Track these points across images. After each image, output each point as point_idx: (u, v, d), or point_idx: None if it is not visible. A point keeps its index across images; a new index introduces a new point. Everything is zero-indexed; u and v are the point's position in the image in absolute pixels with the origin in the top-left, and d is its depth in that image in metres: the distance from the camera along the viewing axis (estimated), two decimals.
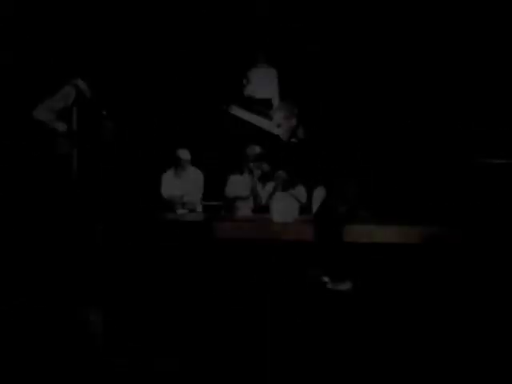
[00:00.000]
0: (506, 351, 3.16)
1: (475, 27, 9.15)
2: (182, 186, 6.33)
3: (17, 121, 5.66)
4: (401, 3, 9.58)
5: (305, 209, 6.33)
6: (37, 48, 8.27)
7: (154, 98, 9.64)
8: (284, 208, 6.29)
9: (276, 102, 7.75)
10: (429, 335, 3.35)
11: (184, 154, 6.35)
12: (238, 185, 6.27)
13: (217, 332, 3.28)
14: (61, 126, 3.80)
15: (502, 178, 7.84)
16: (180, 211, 6.33)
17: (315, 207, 6.14)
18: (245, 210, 6.28)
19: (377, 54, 9.87)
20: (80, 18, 8.74)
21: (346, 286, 4.33)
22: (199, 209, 6.50)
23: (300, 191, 6.27)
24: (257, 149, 6.87)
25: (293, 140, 4.51)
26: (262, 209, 6.44)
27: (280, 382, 2.73)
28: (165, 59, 9.88)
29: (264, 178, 6.33)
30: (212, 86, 8.79)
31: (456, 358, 3.07)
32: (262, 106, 7.69)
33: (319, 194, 5.75)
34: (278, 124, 4.54)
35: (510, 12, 9.17)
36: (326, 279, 4.35)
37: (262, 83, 7.94)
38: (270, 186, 6.28)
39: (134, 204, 6.90)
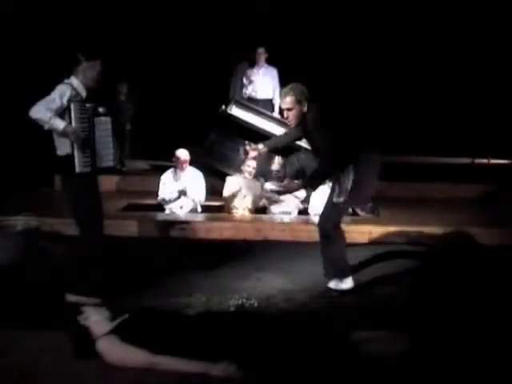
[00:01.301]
0: None
1: None
2: (181, 186, 6.28)
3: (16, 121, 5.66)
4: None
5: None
6: (33, 48, 8.29)
7: (155, 98, 9.66)
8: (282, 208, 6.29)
9: (277, 101, 7.74)
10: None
11: (183, 154, 6.28)
12: (236, 185, 6.24)
13: None
14: (60, 124, 3.77)
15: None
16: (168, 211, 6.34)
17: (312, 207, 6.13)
18: (243, 210, 6.26)
19: (375, 55, 9.88)
20: (76, 21, 8.76)
21: (347, 285, 4.29)
22: (199, 209, 6.47)
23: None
24: None
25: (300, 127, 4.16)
26: (261, 209, 6.43)
27: None
28: (165, 59, 9.89)
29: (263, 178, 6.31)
30: (212, 85, 8.79)
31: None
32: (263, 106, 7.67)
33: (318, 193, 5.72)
34: (288, 108, 4.09)
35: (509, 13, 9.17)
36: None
37: (263, 83, 7.92)
38: (269, 185, 6.26)
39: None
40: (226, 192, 6.24)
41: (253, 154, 4.56)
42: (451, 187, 7.47)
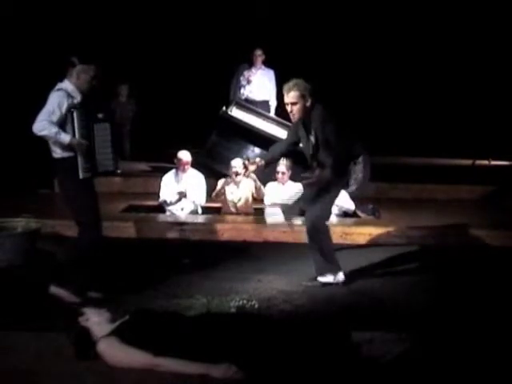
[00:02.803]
0: None
1: None
2: (182, 188, 6.26)
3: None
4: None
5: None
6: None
7: (155, 99, 9.67)
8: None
9: (273, 103, 7.75)
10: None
11: (185, 156, 6.27)
12: (220, 185, 6.24)
13: None
14: (65, 139, 3.78)
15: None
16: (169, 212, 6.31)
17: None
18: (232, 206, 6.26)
19: (376, 58, 9.89)
20: (76, 22, 8.78)
21: (342, 278, 4.35)
22: (200, 210, 6.46)
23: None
24: (256, 150, 6.86)
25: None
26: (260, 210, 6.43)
27: None
28: (165, 61, 9.91)
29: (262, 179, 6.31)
30: (212, 87, 8.80)
31: None
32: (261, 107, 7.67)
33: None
34: (292, 102, 4.16)
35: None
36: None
37: (260, 84, 7.91)
38: (269, 186, 6.27)
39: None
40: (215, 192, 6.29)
41: (251, 168, 4.58)
42: (452, 189, 7.46)
